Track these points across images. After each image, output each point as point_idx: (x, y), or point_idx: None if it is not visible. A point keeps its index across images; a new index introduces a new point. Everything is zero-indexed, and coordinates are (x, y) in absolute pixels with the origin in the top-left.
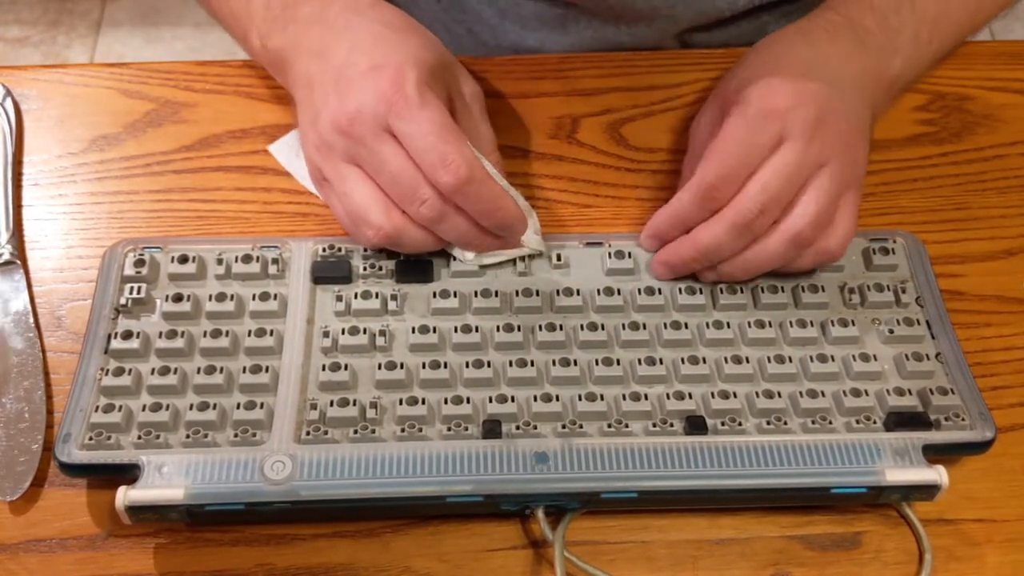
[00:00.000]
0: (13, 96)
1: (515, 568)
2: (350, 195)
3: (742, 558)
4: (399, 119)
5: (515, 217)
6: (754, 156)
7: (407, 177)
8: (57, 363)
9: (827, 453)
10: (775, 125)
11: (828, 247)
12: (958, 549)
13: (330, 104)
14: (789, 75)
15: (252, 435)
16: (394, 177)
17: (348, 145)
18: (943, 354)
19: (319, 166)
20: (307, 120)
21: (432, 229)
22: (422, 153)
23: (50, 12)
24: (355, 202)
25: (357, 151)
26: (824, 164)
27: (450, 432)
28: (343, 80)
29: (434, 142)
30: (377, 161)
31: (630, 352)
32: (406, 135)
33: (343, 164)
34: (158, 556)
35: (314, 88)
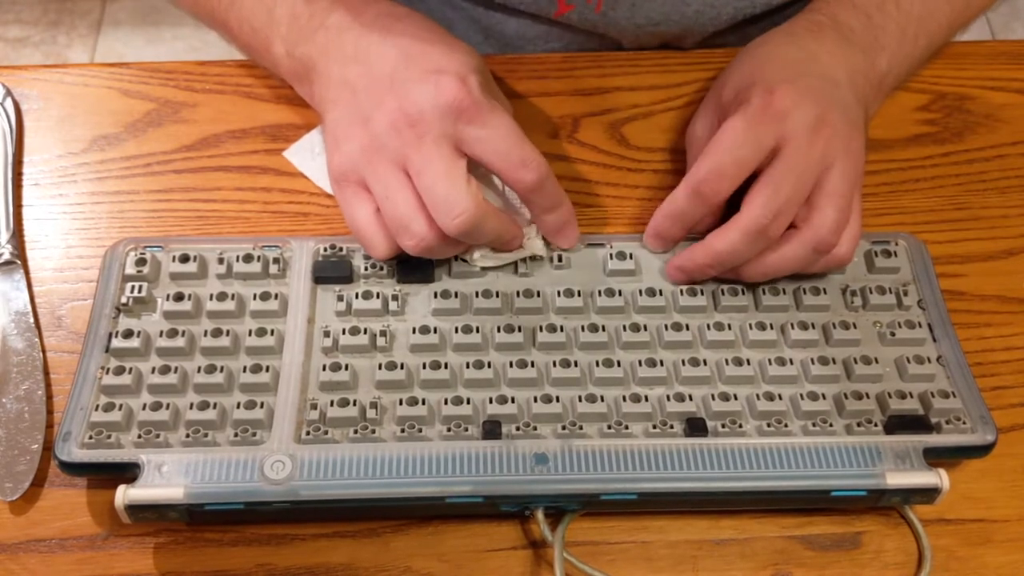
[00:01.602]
0: (13, 96)
1: (515, 568)
2: (393, 200)
3: (742, 558)
4: (471, 123)
5: (573, 215)
6: (750, 154)
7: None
8: (57, 363)
9: (827, 456)
10: (775, 126)
11: (839, 252)
12: (958, 549)
13: (386, 105)
14: (786, 76)
15: (252, 435)
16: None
17: (402, 146)
18: (944, 357)
19: (359, 167)
20: (351, 122)
21: (468, 239)
22: (500, 156)
23: (50, 12)
24: (398, 209)
25: (409, 154)
26: (830, 165)
27: (450, 433)
28: (400, 83)
29: (515, 142)
30: (431, 166)
31: (631, 353)
32: (479, 139)
33: (390, 168)
34: (158, 556)
35: (359, 92)
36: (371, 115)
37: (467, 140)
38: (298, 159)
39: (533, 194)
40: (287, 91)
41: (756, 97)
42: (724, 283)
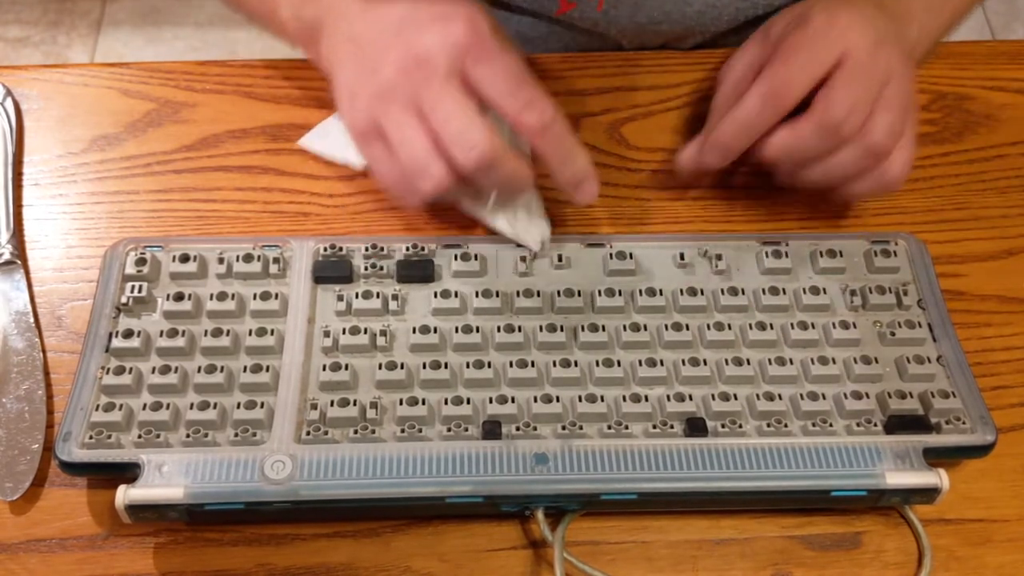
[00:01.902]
0: (13, 96)
1: (515, 568)
2: (410, 144)
3: (742, 558)
4: (478, 63)
5: (590, 168)
6: (816, 63)
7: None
8: (57, 363)
9: (827, 456)
10: (839, 39)
11: (892, 169)
12: (958, 549)
13: (394, 50)
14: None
15: (252, 435)
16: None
17: (412, 88)
18: (944, 357)
19: (375, 116)
20: (360, 75)
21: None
22: (507, 95)
23: (50, 12)
24: (415, 151)
25: (420, 93)
26: (888, 80)
27: (450, 433)
28: (408, 27)
29: (521, 82)
30: (443, 103)
31: (631, 353)
32: (486, 77)
33: (403, 111)
34: (158, 556)
35: (366, 45)
36: (380, 64)
37: (474, 78)
38: (314, 144)
39: (541, 139)
40: (287, 91)
41: (817, 17)
42: (724, 283)
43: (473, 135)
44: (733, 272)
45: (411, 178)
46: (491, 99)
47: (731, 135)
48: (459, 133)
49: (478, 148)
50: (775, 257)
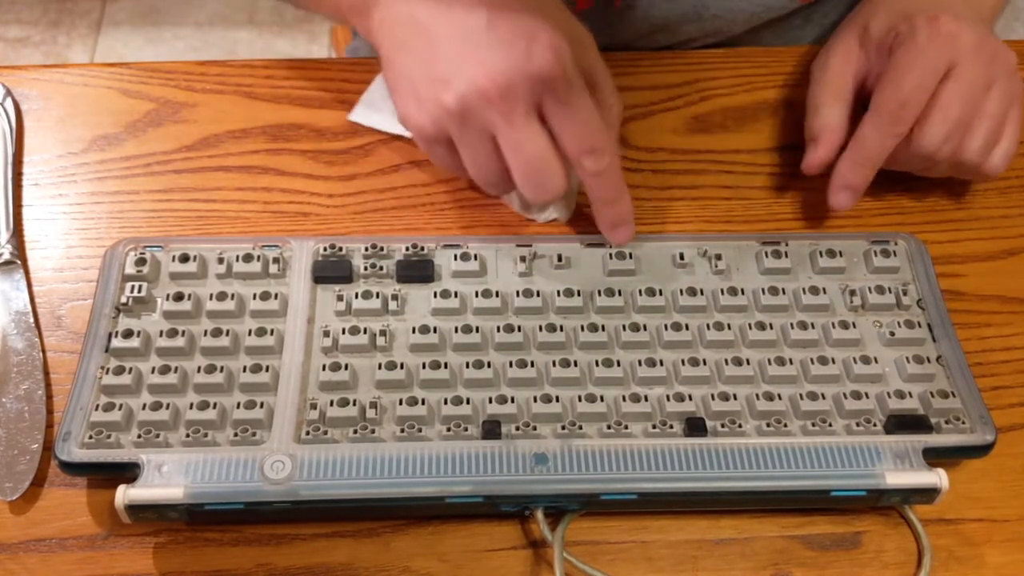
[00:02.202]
0: (13, 96)
1: (515, 568)
2: (482, 168)
3: (742, 558)
4: (557, 100)
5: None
6: (930, 81)
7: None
8: (57, 363)
9: (827, 455)
10: (948, 50)
11: (991, 164)
12: (958, 549)
13: (472, 69)
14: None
15: (252, 434)
16: (529, 159)
17: (492, 117)
18: (944, 357)
19: (445, 128)
20: (431, 79)
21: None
22: (574, 137)
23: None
24: (487, 176)
25: (500, 126)
26: (991, 84)
27: (450, 432)
28: (487, 44)
29: (592, 128)
30: (524, 146)
31: (630, 353)
32: (561, 116)
33: (479, 136)
34: (158, 556)
35: (436, 42)
36: (454, 77)
37: (548, 112)
38: (366, 119)
39: (595, 180)
40: (287, 91)
41: (922, 26)
42: (723, 283)
43: (551, 183)
44: (733, 272)
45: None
46: (557, 137)
47: (861, 176)
48: (536, 180)
49: (551, 193)
50: (775, 257)
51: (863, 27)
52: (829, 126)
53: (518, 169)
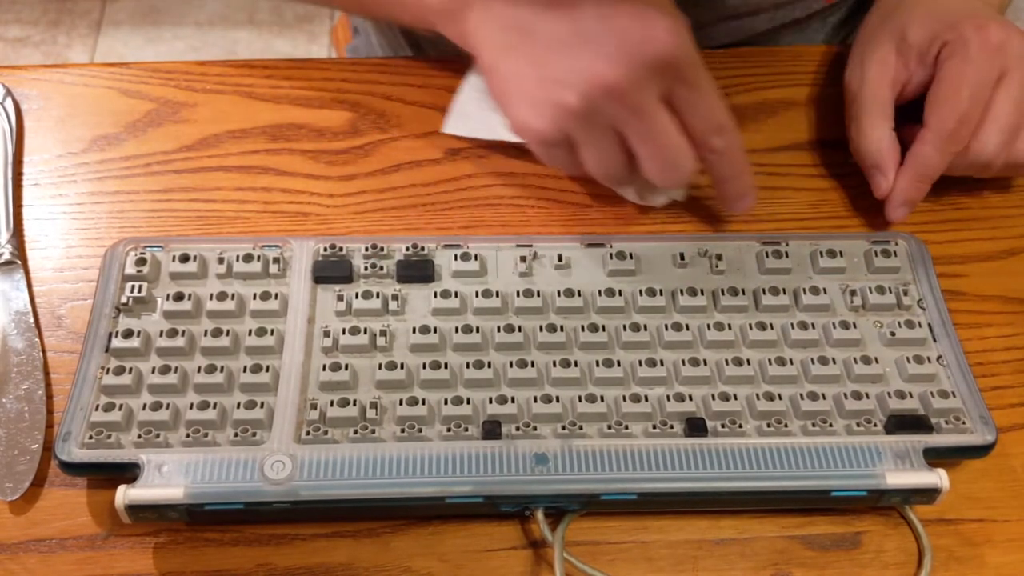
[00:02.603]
0: (13, 96)
1: (515, 568)
2: (607, 164)
3: (742, 558)
4: (682, 84)
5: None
6: (984, 94)
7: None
8: (57, 363)
9: (827, 456)
10: (999, 60)
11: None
12: (958, 549)
13: (590, 66)
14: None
15: (252, 435)
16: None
17: (618, 114)
18: (944, 357)
19: (566, 130)
20: (543, 83)
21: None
22: (701, 119)
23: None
24: (612, 171)
25: (628, 121)
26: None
27: (450, 433)
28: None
29: (717, 107)
30: (648, 129)
31: (631, 353)
32: (687, 99)
33: (604, 134)
34: (158, 556)
35: (545, 44)
36: (573, 75)
37: (675, 96)
38: (460, 129)
39: (720, 158)
40: (287, 91)
41: (972, 36)
42: (724, 283)
43: (685, 163)
44: (733, 272)
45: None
46: (687, 117)
47: (918, 191)
48: (666, 170)
49: (686, 176)
50: (775, 257)
51: (899, 35)
52: (885, 149)
53: (652, 157)
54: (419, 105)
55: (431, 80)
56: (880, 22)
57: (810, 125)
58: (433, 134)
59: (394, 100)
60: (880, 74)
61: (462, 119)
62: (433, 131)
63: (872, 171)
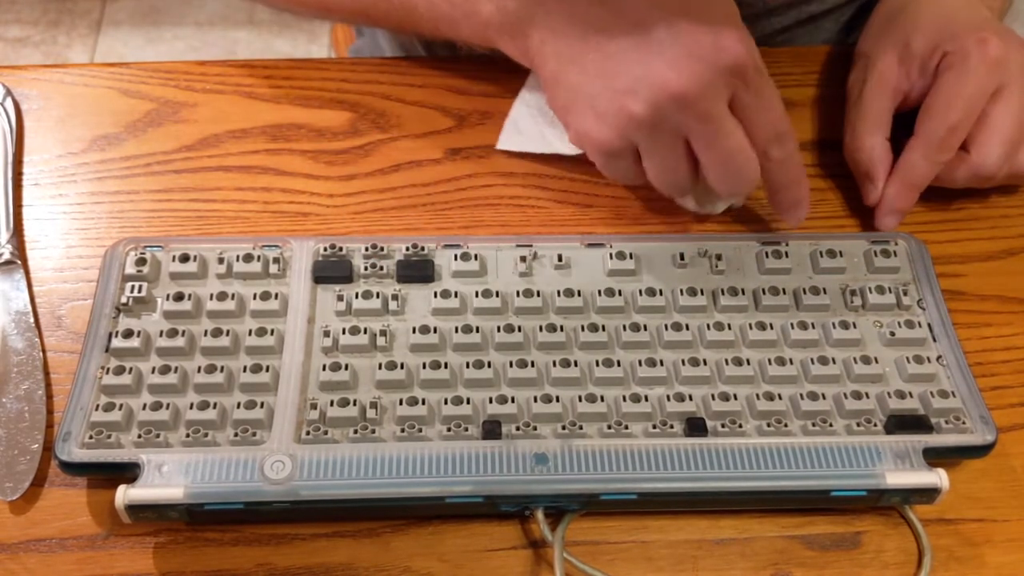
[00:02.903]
0: (13, 96)
1: (515, 568)
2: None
3: (742, 558)
4: (747, 90)
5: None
6: (978, 105)
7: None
8: (57, 363)
9: (827, 455)
10: (997, 74)
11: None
12: (958, 549)
13: (657, 73)
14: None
15: (252, 434)
16: (731, 154)
17: (685, 120)
18: (944, 357)
19: (632, 139)
20: (613, 95)
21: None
22: (762, 126)
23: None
24: (675, 178)
25: (695, 128)
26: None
27: (450, 432)
28: (670, 46)
29: (779, 116)
30: (715, 136)
31: (630, 353)
32: (749, 106)
33: (671, 141)
34: (158, 556)
35: (613, 56)
36: (640, 85)
37: (741, 103)
38: (515, 144)
39: (778, 166)
40: (287, 91)
41: (972, 49)
42: (724, 283)
43: (751, 170)
44: (733, 272)
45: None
46: (750, 125)
47: (907, 199)
48: (738, 166)
49: (751, 183)
50: (775, 257)
51: (903, 44)
52: (877, 158)
53: (718, 165)
54: (419, 105)
55: (431, 80)
56: (884, 28)
57: (810, 125)
58: (433, 134)
59: (394, 100)
60: (881, 83)
61: (516, 135)
62: (433, 131)
63: (863, 179)
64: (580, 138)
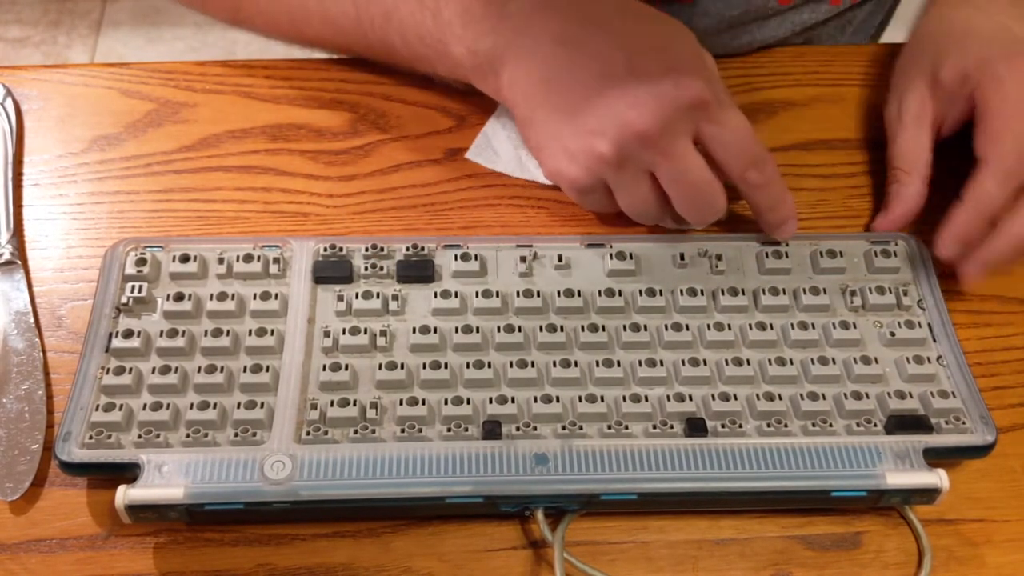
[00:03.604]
0: (14, 96)
1: (515, 568)
2: (640, 204)
3: (742, 558)
4: (711, 122)
5: (794, 209)
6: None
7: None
8: (57, 363)
9: (827, 456)
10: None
11: None
12: (958, 549)
13: (622, 113)
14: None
15: (252, 435)
16: (695, 186)
17: (651, 156)
18: (944, 357)
19: (601, 175)
20: (575, 129)
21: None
22: (734, 156)
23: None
24: (646, 210)
25: (659, 163)
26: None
27: (450, 433)
28: (633, 85)
29: (750, 142)
30: (678, 171)
31: (631, 353)
32: (716, 137)
33: (637, 176)
34: (158, 556)
35: (575, 94)
36: (607, 125)
37: (706, 136)
38: (482, 158)
39: (759, 191)
40: (287, 91)
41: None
42: (724, 283)
43: (716, 201)
44: (733, 272)
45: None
46: (716, 157)
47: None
48: (700, 207)
49: (717, 213)
50: (775, 257)
51: (932, 74)
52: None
53: (684, 198)
54: (419, 105)
55: (431, 80)
56: (913, 58)
57: (810, 125)
58: (433, 134)
59: (394, 100)
60: (917, 118)
61: (490, 153)
62: (433, 131)
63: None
64: (553, 175)
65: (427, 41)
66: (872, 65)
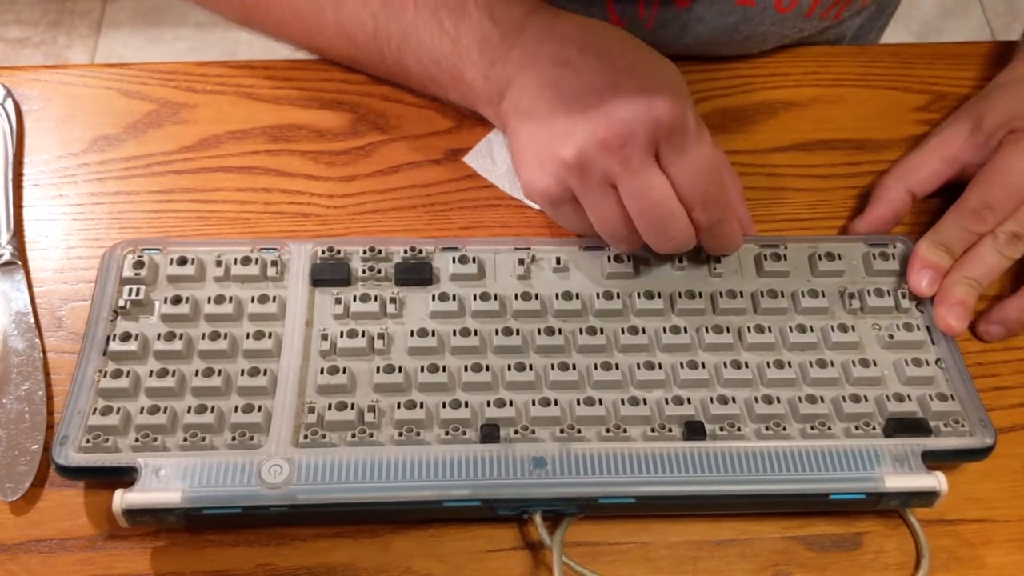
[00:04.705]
0: (14, 96)
1: (515, 569)
2: (606, 219)
3: (742, 559)
4: (672, 146)
5: (738, 235)
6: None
7: (667, 209)
8: (57, 363)
9: (826, 459)
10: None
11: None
12: (958, 550)
13: (593, 122)
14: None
15: (250, 438)
16: (652, 204)
17: (611, 166)
18: (943, 360)
19: (568, 185)
20: (551, 138)
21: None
22: (689, 189)
23: (51, 12)
24: (611, 227)
25: (620, 175)
26: None
27: (448, 436)
28: (608, 99)
29: (704, 180)
30: (636, 187)
31: (629, 356)
32: (676, 165)
33: (600, 187)
34: (158, 557)
35: (559, 108)
36: (574, 131)
37: (663, 159)
38: (478, 164)
39: (701, 232)
40: (287, 91)
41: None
42: (722, 286)
43: (674, 225)
44: (731, 275)
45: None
46: (675, 184)
47: (936, 257)
48: (659, 229)
49: (677, 240)
50: (773, 260)
51: (978, 116)
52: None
53: (640, 214)
54: (419, 106)
55: None
56: (976, 100)
57: (810, 125)
58: (433, 135)
59: (394, 101)
60: (940, 145)
61: (489, 162)
62: (433, 132)
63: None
64: (527, 187)
65: (443, 65)
66: (872, 65)
